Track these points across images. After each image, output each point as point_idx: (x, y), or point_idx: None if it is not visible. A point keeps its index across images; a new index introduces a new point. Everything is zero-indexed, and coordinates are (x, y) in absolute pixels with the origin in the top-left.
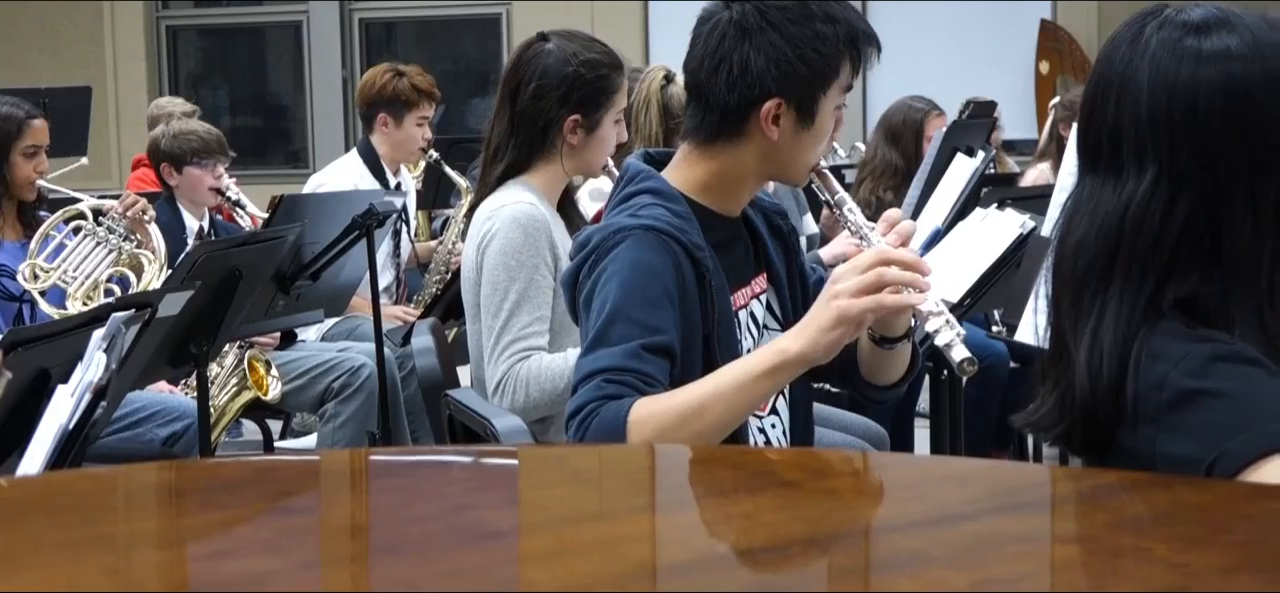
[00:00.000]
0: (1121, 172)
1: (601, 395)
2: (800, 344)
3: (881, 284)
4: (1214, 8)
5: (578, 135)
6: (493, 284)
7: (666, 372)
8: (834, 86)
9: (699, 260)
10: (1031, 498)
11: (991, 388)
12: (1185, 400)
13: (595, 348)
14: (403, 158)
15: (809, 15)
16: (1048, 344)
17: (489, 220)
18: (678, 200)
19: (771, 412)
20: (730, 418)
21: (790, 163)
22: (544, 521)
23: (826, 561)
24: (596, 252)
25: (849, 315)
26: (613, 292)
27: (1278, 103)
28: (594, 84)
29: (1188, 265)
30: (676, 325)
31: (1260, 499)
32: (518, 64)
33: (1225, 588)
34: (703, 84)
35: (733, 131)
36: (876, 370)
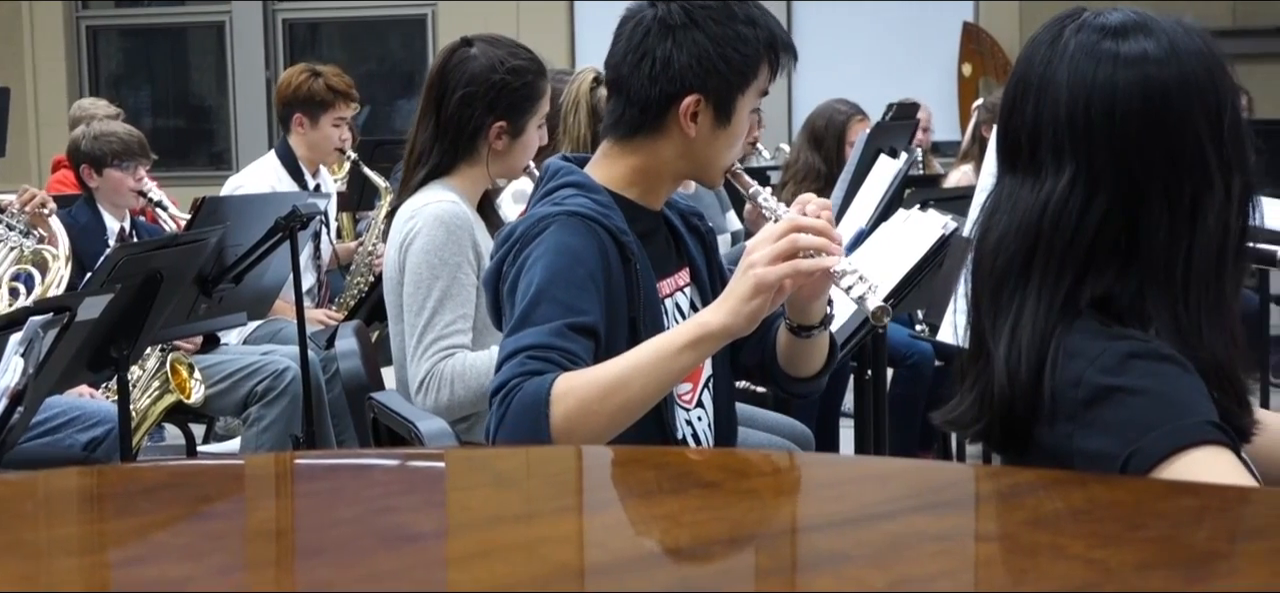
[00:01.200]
0: (1040, 171)
1: (524, 372)
2: (720, 316)
3: (795, 250)
4: (1132, 12)
5: (503, 141)
6: (415, 283)
7: (591, 351)
8: (752, 88)
9: (624, 244)
10: (951, 497)
11: (916, 387)
12: (1101, 397)
13: (519, 328)
14: (320, 159)
15: (732, 16)
16: (967, 343)
17: (411, 219)
18: (600, 192)
19: (697, 405)
20: (651, 392)
21: (707, 161)
22: (466, 523)
23: (747, 561)
24: (520, 240)
25: (766, 283)
26: (537, 274)
27: (1193, 105)
28: (520, 91)
29: (1104, 264)
30: (601, 308)
31: (1174, 496)
32: (443, 70)
33: (1140, 584)
34: (624, 78)
35: (652, 127)
36: (796, 362)
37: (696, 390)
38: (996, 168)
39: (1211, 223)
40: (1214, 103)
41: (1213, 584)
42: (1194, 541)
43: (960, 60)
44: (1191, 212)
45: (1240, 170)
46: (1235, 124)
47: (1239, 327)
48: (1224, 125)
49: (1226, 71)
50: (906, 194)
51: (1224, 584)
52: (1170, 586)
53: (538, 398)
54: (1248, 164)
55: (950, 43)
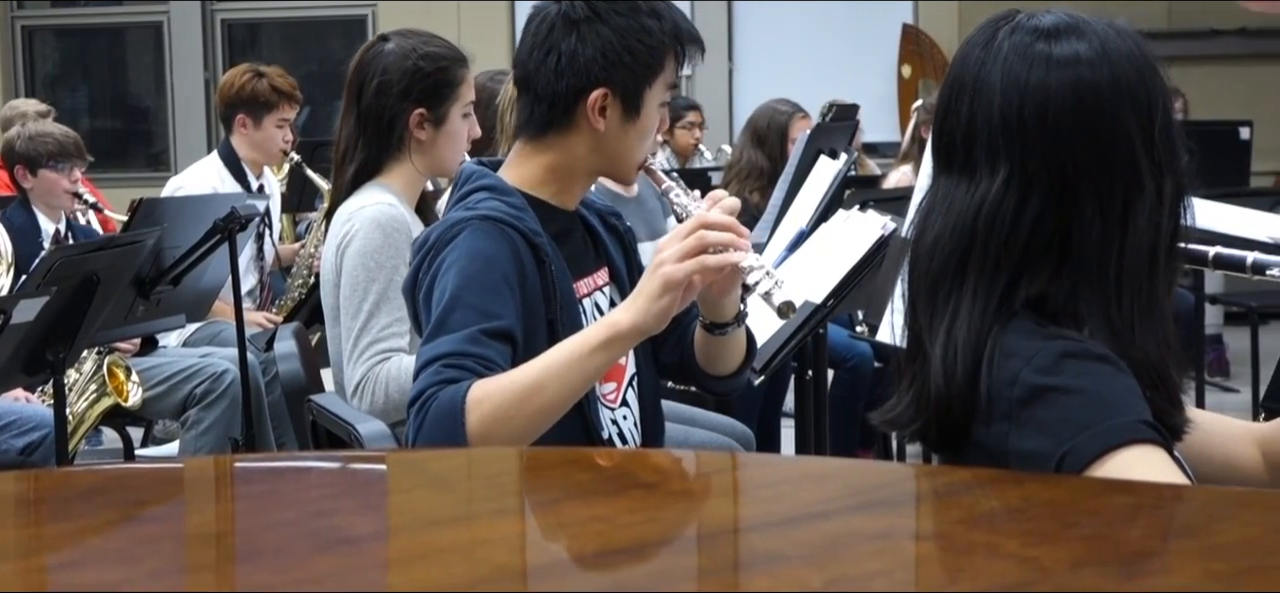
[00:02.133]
0: (975, 172)
1: (440, 380)
2: (631, 315)
3: (703, 247)
4: (1064, 14)
5: (426, 130)
6: (352, 285)
7: (507, 356)
8: (659, 81)
9: (538, 246)
10: (887, 496)
11: (856, 387)
12: (1036, 397)
13: (435, 336)
14: (264, 160)
15: (636, 9)
16: (905, 343)
17: (348, 221)
18: (513, 194)
19: (622, 403)
20: (566, 394)
21: (618, 156)
22: (403, 525)
23: (684, 561)
24: (434, 247)
25: (675, 280)
26: (452, 280)
27: (1124, 107)
28: (435, 76)
29: (1038, 264)
30: (516, 311)
31: (1107, 494)
32: (359, 65)
33: (1073, 581)
34: (531, 75)
35: (561, 123)
36: (713, 359)
37: (620, 389)
38: (932, 169)
39: (1143, 223)
40: (1145, 104)
41: (1144, 582)
42: (1127, 538)
43: (900, 61)
44: (1123, 212)
45: (1172, 171)
46: (1166, 125)
47: (1172, 326)
48: (1155, 126)
49: (1157, 73)
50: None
51: (1156, 582)
52: (1103, 583)
53: (453, 406)
54: (1179, 165)
55: (890, 44)
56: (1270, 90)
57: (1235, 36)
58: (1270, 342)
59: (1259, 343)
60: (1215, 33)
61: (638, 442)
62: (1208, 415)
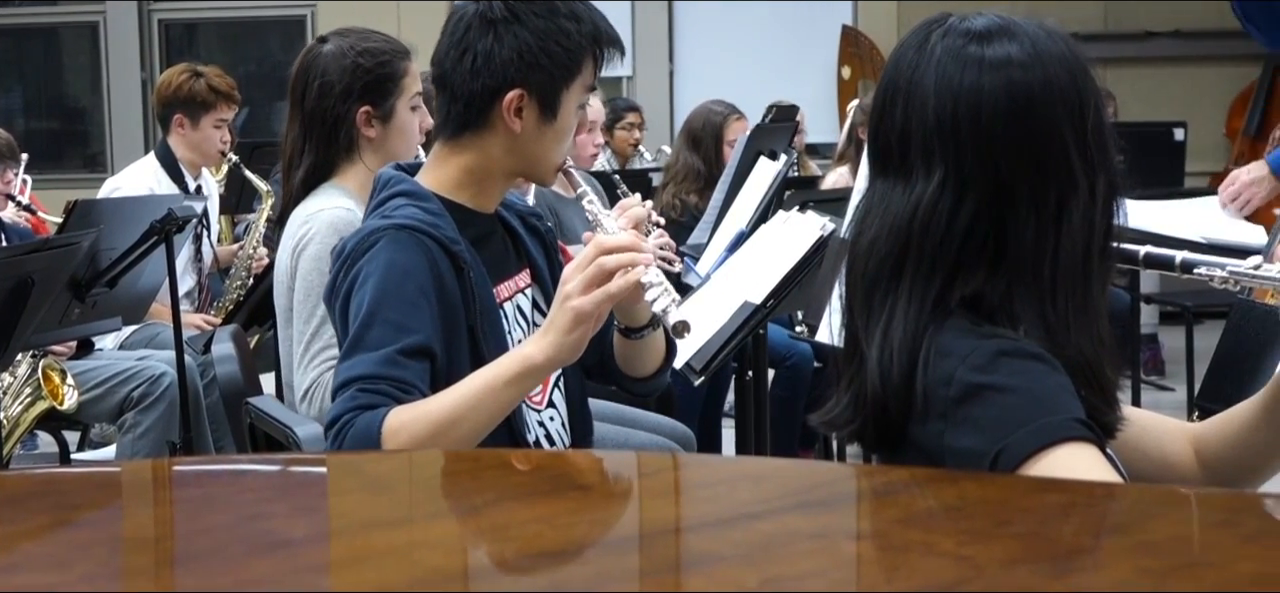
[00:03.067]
0: (910, 174)
1: (356, 406)
2: (545, 349)
3: (604, 274)
4: (995, 17)
5: (374, 127)
6: (306, 289)
7: (425, 374)
8: (576, 83)
9: (456, 254)
10: (824, 496)
11: (797, 387)
12: (972, 395)
13: (352, 353)
14: (202, 161)
15: (554, 11)
16: (842, 344)
17: (305, 224)
18: (430, 199)
19: (548, 405)
20: (481, 426)
21: (536, 158)
22: (338, 529)
23: (621, 562)
24: (351, 257)
25: (584, 313)
26: (368, 294)
27: (1056, 107)
28: (376, 72)
29: (974, 264)
30: (434, 324)
31: (1041, 493)
32: (300, 69)
33: (1006, 579)
34: (448, 74)
35: (478, 123)
36: (631, 362)
37: (546, 391)
38: (868, 171)
39: (1077, 223)
40: (1077, 104)
41: (1076, 579)
42: (1060, 536)
43: (840, 63)
44: (1057, 212)
45: (1104, 171)
46: (1099, 125)
47: (1106, 325)
48: (1087, 127)
49: (1089, 74)
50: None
51: (1087, 579)
52: (1036, 580)
53: (369, 435)
54: (1112, 165)
55: (830, 45)
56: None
57: (1170, 39)
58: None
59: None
60: (1150, 35)
61: (566, 443)
62: (1143, 414)
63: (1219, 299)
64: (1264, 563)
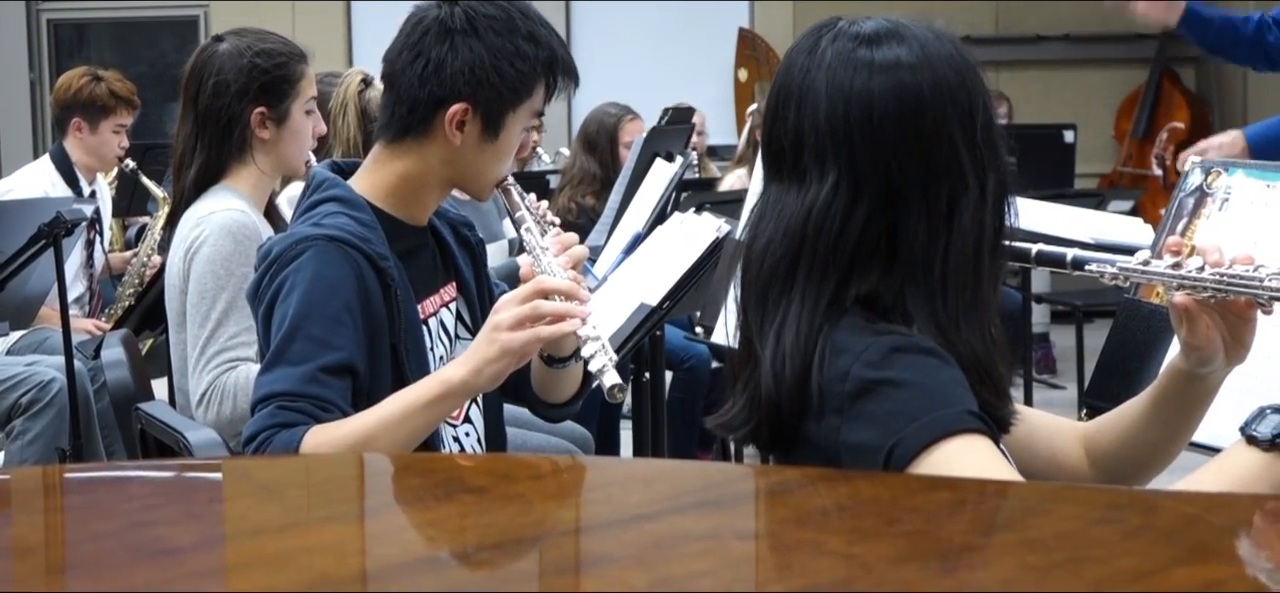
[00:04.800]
0: (804, 177)
1: (275, 423)
2: (464, 375)
3: (539, 316)
4: (885, 20)
5: (267, 129)
6: (200, 292)
7: (346, 392)
8: (524, 107)
9: (384, 270)
10: (715, 496)
11: (694, 389)
12: (867, 390)
13: (273, 366)
14: (98, 165)
15: (514, 29)
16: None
17: (197, 227)
18: (363, 209)
19: (465, 420)
20: (399, 446)
21: (473, 174)
22: (225, 535)
23: (511, 565)
24: (278, 262)
25: (511, 349)
26: (292, 306)
27: (946, 109)
28: (272, 72)
29: (868, 264)
30: (358, 340)
31: (930, 491)
32: (194, 67)
33: (893, 577)
34: (397, 75)
35: (419, 130)
36: (548, 389)
37: (464, 406)
38: (762, 175)
39: (968, 223)
40: (966, 106)
41: (962, 576)
42: (947, 534)
43: (736, 65)
44: (948, 212)
45: (994, 171)
46: (988, 126)
47: (997, 323)
48: (977, 127)
49: (977, 75)
50: (682, 198)
51: (973, 576)
52: (922, 578)
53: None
54: (1002, 165)
55: (727, 47)
56: (1094, 95)
57: (1060, 42)
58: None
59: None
60: (1041, 38)
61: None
62: (1034, 413)
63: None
64: (1145, 559)
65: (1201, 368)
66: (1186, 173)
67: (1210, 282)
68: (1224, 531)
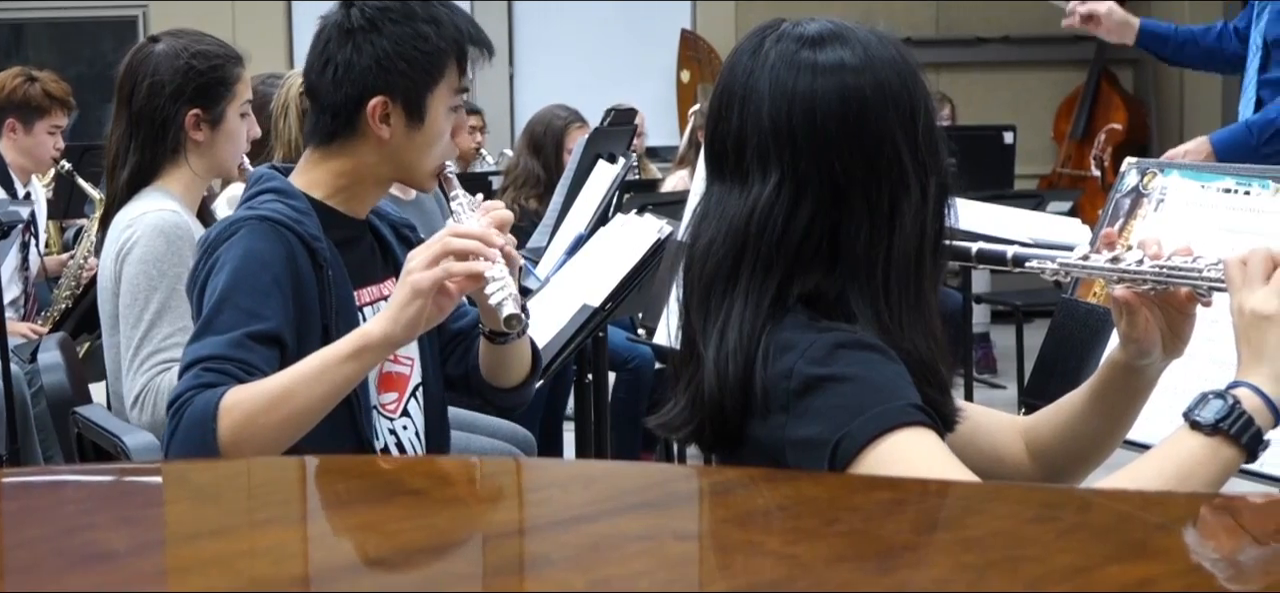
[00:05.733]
0: (747, 178)
1: (198, 384)
2: (381, 325)
3: (447, 253)
4: (828, 22)
5: (202, 131)
6: (133, 294)
7: (273, 360)
8: (441, 86)
9: (316, 251)
10: (655, 497)
11: (638, 390)
12: (812, 387)
13: (201, 336)
14: (33, 167)
15: (412, 16)
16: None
17: (129, 228)
18: (298, 198)
19: (403, 414)
20: (317, 403)
21: (408, 164)
22: (161, 540)
23: (449, 567)
24: (211, 245)
25: (421, 288)
26: (223, 279)
27: (888, 111)
28: (208, 74)
29: (810, 265)
30: (287, 314)
31: (868, 490)
32: (130, 67)
33: (830, 577)
34: (314, 85)
35: (346, 133)
36: (497, 371)
37: (402, 399)
38: (705, 175)
39: (909, 223)
40: (908, 108)
41: (899, 576)
42: (884, 533)
43: (679, 66)
44: (890, 213)
45: (936, 172)
46: (929, 128)
47: (938, 322)
48: (919, 129)
49: (919, 77)
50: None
51: (909, 575)
52: (859, 578)
53: (206, 412)
54: (943, 166)
55: (669, 48)
56: (1033, 96)
57: (1000, 44)
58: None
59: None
60: (981, 40)
61: (420, 453)
62: (976, 409)
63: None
64: (1080, 556)
65: (1140, 360)
66: (1123, 174)
67: (1150, 274)
68: (1157, 528)
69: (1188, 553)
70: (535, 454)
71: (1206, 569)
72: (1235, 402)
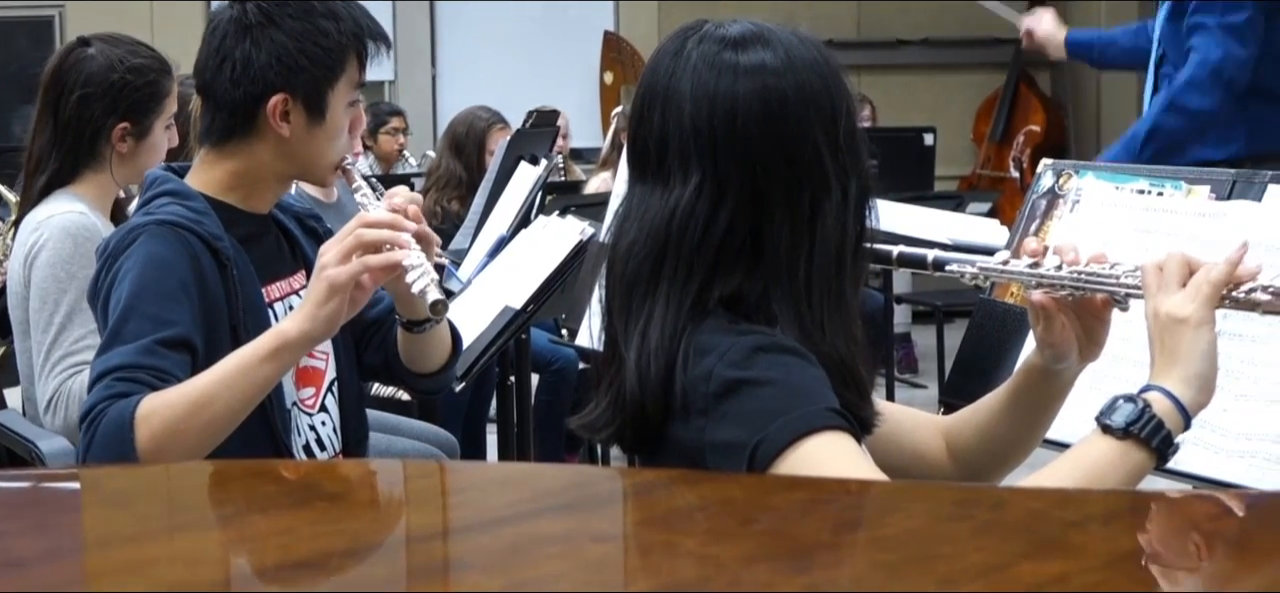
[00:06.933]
0: (668, 179)
1: (110, 395)
2: (298, 324)
3: (360, 245)
4: (750, 24)
5: (127, 143)
6: (42, 297)
7: (185, 365)
8: (341, 81)
9: (219, 250)
10: (573, 499)
11: (561, 392)
12: (730, 390)
13: (109, 347)
14: None
15: (310, 11)
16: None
17: (36, 231)
18: (196, 198)
19: (320, 409)
20: (237, 405)
21: (308, 161)
22: (74, 546)
23: (365, 571)
24: (113, 254)
25: (338, 284)
26: (127, 288)
27: (809, 113)
28: (142, 90)
29: (731, 266)
30: (195, 317)
31: (787, 490)
32: (59, 71)
33: (746, 577)
34: (209, 84)
35: (243, 130)
36: (416, 358)
37: (319, 394)
38: (627, 176)
39: (830, 225)
40: (829, 110)
41: (814, 575)
42: (800, 533)
43: (602, 68)
44: (811, 215)
45: (857, 174)
46: (851, 130)
47: (858, 324)
48: (840, 131)
49: (841, 79)
50: (547, 200)
51: (824, 575)
52: (774, 578)
53: (122, 421)
54: (864, 168)
55: (592, 50)
56: (953, 98)
57: (920, 46)
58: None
59: (944, 340)
60: (902, 42)
61: (337, 448)
62: (896, 409)
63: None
64: (993, 554)
65: (1056, 364)
66: (1039, 175)
67: (1068, 280)
68: (1071, 525)
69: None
70: (458, 457)
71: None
72: (1146, 406)
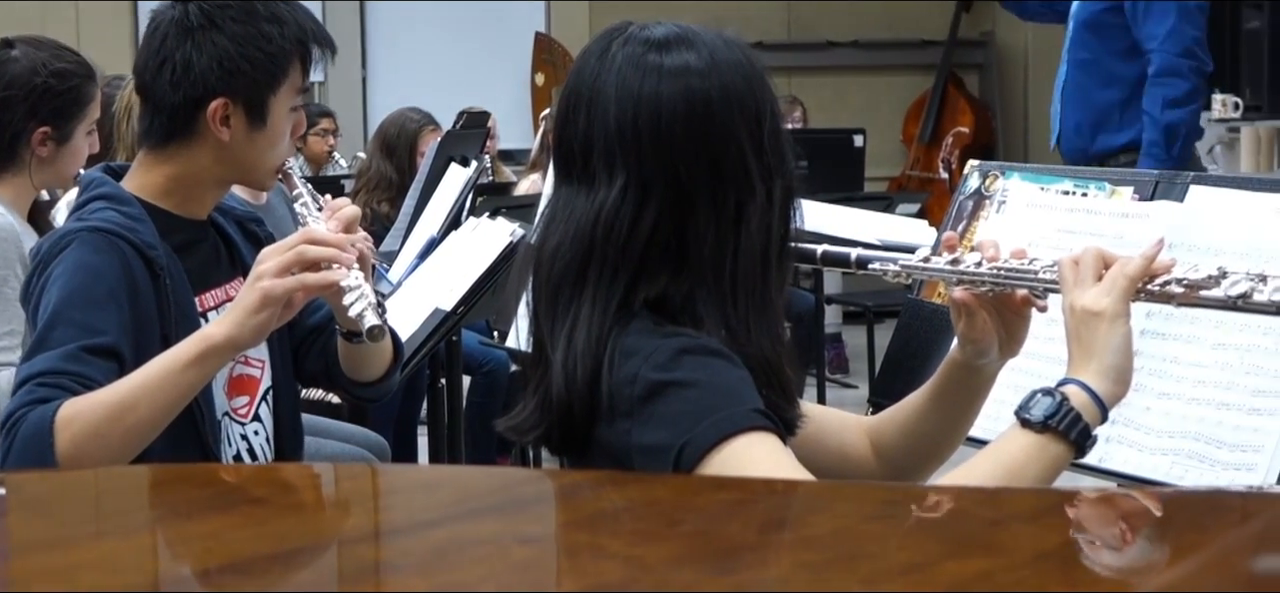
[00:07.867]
0: (593, 181)
1: (31, 400)
2: (226, 329)
3: (301, 262)
4: (675, 26)
5: (48, 147)
6: None
7: (112, 373)
8: (284, 87)
9: (152, 260)
10: (499, 501)
11: (493, 394)
12: (656, 392)
13: (35, 353)
14: None
15: (253, 14)
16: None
17: None
18: (131, 203)
19: (254, 418)
20: (160, 411)
21: (248, 165)
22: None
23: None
24: (43, 259)
25: (273, 296)
26: (55, 295)
27: (733, 114)
28: (65, 95)
29: (657, 268)
30: (124, 326)
31: (713, 491)
32: None
33: (672, 578)
34: (149, 86)
35: (183, 134)
36: (356, 366)
37: (253, 403)
38: (553, 178)
39: (755, 226)
40: (754, 111)
41: (738, 576)
42: (726, 534)
43: (533, 69)
44: (736, 216)
45: (781, 176)
46: (775, 131)
47: (784, 325)
48: (764, 133)
49: (765, 81)
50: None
51: (749, 575)
52: (700, 579)
53: (42, 427)
54: (788, 170)
55: (523, 51)
56: (882, 100)
57: (850, 48)
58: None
59: (875, 340)
60: (831, 44)
61: (269, 458)
62: (822, 410)
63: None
64: (918, 552)
65: (978, 360)
66: (966, 176)
67: (988, 276)
68: (993, 524)
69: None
70: (389, 459)
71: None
72: (1063, 399)
